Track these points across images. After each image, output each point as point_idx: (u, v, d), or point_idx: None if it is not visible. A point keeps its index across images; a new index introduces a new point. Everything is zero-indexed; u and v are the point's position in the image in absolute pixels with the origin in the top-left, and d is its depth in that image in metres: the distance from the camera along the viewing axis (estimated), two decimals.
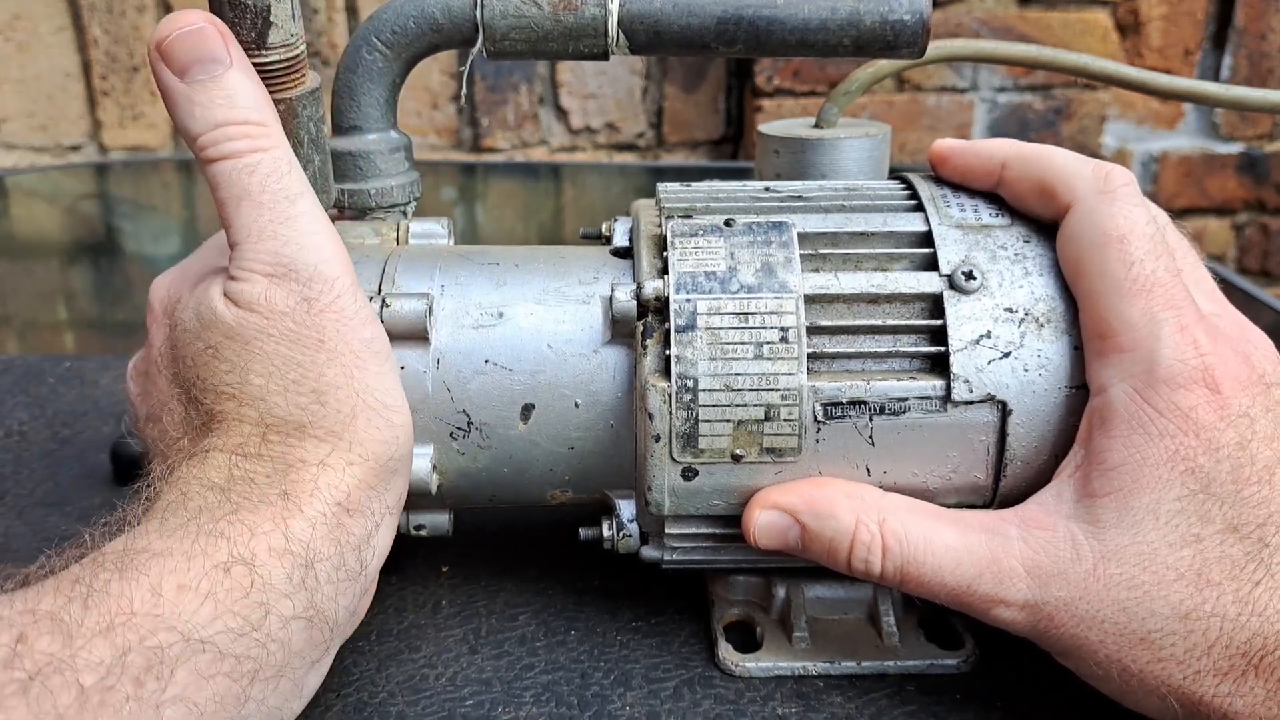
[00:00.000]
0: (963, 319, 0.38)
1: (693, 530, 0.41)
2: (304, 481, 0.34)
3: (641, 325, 0.39)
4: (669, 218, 0.41)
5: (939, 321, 0.38)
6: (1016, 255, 0.39)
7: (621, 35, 0.41)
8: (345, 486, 0.35)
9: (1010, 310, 0.38)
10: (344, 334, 0.36)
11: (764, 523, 0.38)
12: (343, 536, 0.34)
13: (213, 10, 0.36)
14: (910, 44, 0.41)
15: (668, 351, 0.38)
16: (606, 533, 0.42)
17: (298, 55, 0.37)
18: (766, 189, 0.43)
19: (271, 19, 0.35)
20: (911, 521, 0.37)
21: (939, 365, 0.38)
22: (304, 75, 0.38)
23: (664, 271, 0.39)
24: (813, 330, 0.38)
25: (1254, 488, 0.34)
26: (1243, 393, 0.35)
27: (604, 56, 0.42)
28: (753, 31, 0.41)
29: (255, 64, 0.36)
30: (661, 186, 0.44)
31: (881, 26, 0.41)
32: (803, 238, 0.40)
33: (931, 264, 0.39)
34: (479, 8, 0.41)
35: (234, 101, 0.35)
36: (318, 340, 0.36)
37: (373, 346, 0.37)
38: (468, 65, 0.43)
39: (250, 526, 0.32)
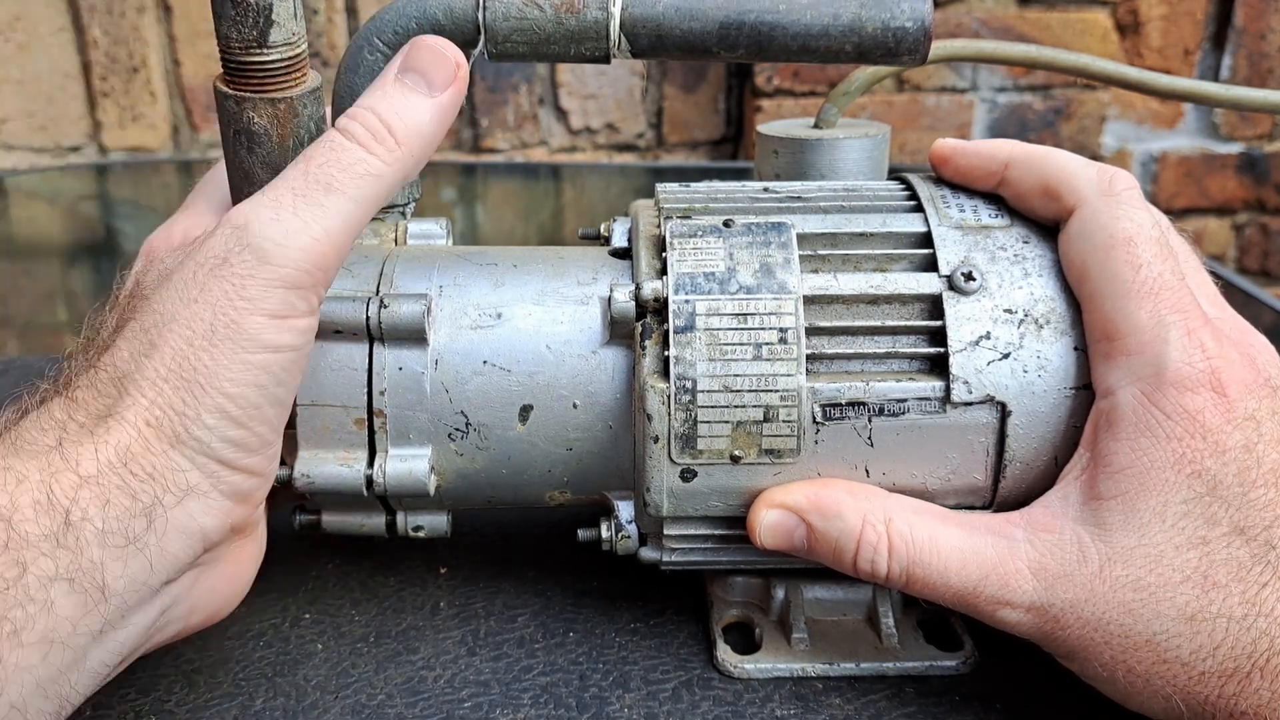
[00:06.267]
0: (962, 320, 0.38)
1: (691, 531, 0.41)
2: (85, 434, 0.33)
3: (640, 326, 0.39)
4: (668, 218, 0.41)
5: (938, 322, 0.38)
6: (1016, 256, 0.39)
7: (623, 39, 0.41)
8: (131, 447, 0.33)
9: (1010, 311, 0.38)
10: (223, 307, 0.34)
11: (769, 522, 0.38)
12: (117, 499, 0.32)
13: (214, 9, 0.36)
14: (912, 51, 0.41)
15: (666, 352, 0.38)
16: (605, 534, 0.42)
17: (299, 54, 0.37)
18: (765, 189, 0.43)
19: (274, 17, 0.35)
20: (917, 522, 0.37)
21: (938, 366, 0.38)
22: (305, 74, 0.38)
23: (663, 272, 0.39)
24: (812, 331, 0.38)
25: (1260, 490, 0.34)
26: (1249, 396, 0.35)
27: (606, 60, 0.42)
28: (755, 37, 0.41)
29: (255, 62, 0.36)
30: (660, 187, 0.44)
31: (883, 33, 0.41)
32: (802, 238, 0.40)
33: (931, 265, 0.39)
34: (481, 9, 0.41)
35: (402, 115, 0.37)
36: (190, 299, 0.34)
37: (244, 335, 0.34)
38: (468, 67, 0.43)
39: (20, 474, 0.31)
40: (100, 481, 0.32)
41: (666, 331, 0.38)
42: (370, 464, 0.40)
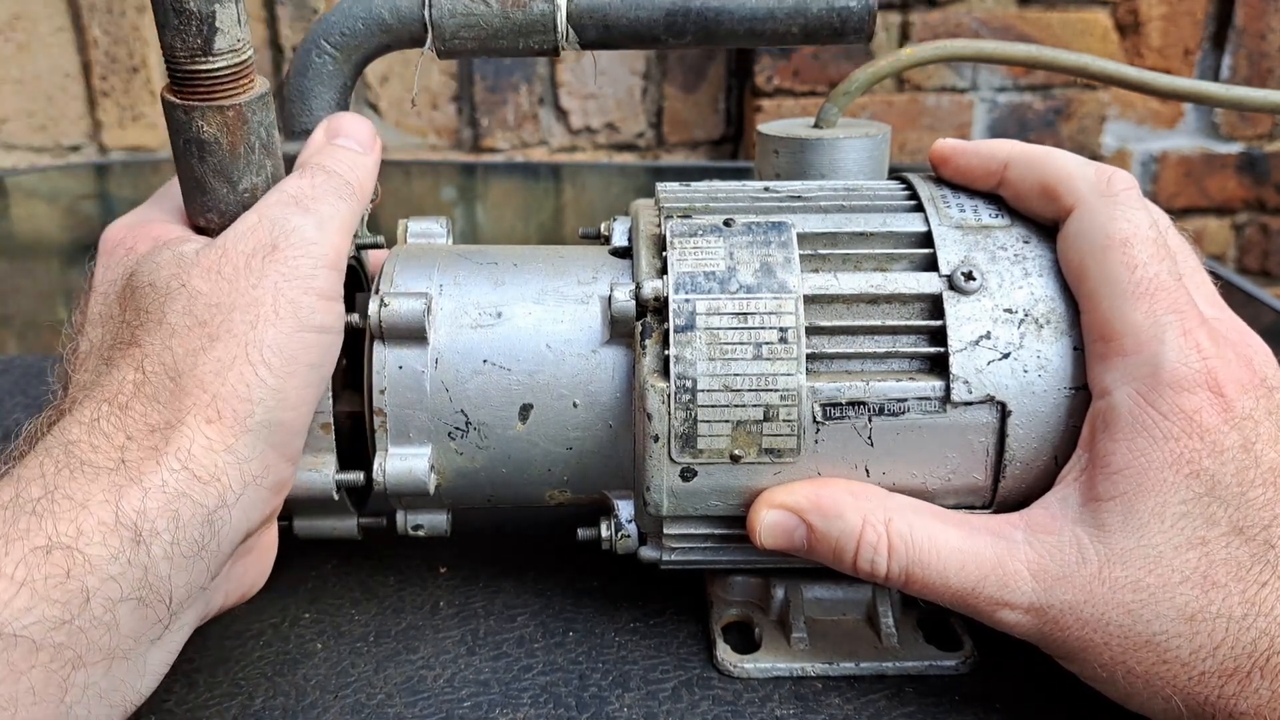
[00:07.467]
0: (962, 320, 0.38)
1: (691, 531, 0.41)
2: (148, 444, 0.32)
3: (640, 325, 0.39)
4: (668, 217, 0.41)
5: (938, 322, 0.38)
6: (1016, 256, 0.39)
7: (571, 30, 0.41)
8: (193, 449, 0.33)
9: (1010, 311, 0.38)
10: (282, 288, 0.35)
11: (770, 522, 0.38)
12: (185, 508, 0.32)
13: (157, 19, 0.35)
14: (858, 30, 0.41)
15: (666, 352, 0.38)
16: (605, 533, 0.42)
17: (245, 60, 0.37)
18: (766, 189, 0.43)
19: (217, 24, 0.35)
20: (917, 523, 0.37)
21: (938, 366, 0.38)
22: (252, 80, 0.37)
23: (663, 271, 0.39)
24: (812, 330, 0.38)
25: (1259, 490, 0.34)
26: (1246, 395, 0.35)
27: (555, 52, 0.42)
28: (701, 22, 0.41)
29: (202, 70, 0.36)
30: (661, 186, 0.44)
31: (828, 13, 0.41)
32: (802, 238, 0.40)
33: (931, 264, 0.39)
34: (427, 7, 0.41)
35: (354, 166, 0.40)
36: (250, 285, 0.35)
37: (302, 313, 0.35)
38: (418, 65, 0.44)
39: (82, 499, 0.31)
40: (166, 491, 0.32)
41: (667, 331, 0.38)
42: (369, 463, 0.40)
